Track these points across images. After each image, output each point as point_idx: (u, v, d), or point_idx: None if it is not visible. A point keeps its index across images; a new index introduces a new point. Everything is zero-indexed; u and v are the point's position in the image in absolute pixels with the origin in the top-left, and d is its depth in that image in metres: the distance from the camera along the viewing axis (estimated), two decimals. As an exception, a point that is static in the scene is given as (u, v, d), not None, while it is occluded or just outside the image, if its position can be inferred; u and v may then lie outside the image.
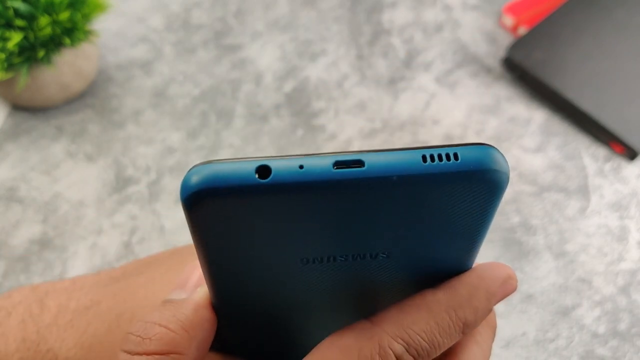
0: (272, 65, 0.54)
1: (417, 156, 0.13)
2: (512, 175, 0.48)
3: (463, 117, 0.51)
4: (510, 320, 0.41)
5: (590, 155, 0.49)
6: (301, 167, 0.13)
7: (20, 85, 0.45)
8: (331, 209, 0.14)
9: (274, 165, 0.13)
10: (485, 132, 0.50)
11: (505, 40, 0.56)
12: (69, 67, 0.48)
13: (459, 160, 0.13)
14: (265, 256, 0.16)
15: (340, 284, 0.17)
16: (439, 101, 0.52)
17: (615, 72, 0.51)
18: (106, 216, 0.44)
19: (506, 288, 0.18)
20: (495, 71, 0.54)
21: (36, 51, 0.45)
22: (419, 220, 0.15)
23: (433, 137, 0.50)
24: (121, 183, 0.46)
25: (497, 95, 0.53)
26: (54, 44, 0.46)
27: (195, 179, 0.13)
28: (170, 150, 0.48)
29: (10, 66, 0.44)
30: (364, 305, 0.18)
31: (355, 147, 0.49)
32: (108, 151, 0.48)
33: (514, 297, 0.42)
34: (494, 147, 0.14)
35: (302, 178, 0.13)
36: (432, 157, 0.13)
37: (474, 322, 0.17)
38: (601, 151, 0.49)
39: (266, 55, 0.55)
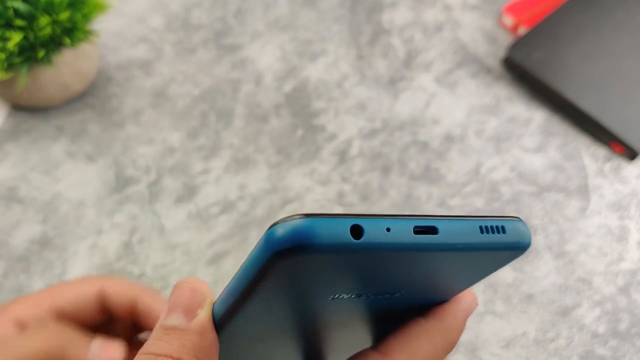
0: (272, 65, 0.54)
1: (476, 226, 0.16)
2: (512, 176, 0.48)
3: (463, 117, 0.51)
4: (510, 320, 0.41)
5: (590, 155, 0.49)
6: (388, 229, 0.14)
7: (20, 85, 0.45)
8: (396, 264, 0.16)
9: (365, 225, 0.14)
10: (485, 132, 0.50)
11: (505, 40, 0.56)
12: (69, 67, 0.48)
13: (505, 234, 0.16)
14: (306, 303, 0.17)
15: (352, 313, 0.19)
16: (439, 101, 0.52)
17: (615, 72, 0.51)
18: (106, 216, 0.44)
19: (472, 309, 0.22)
20: (495, 71, 0.54)
21: (36, 51, 0.45)
22: (450, 272, 0.18)
23: (433, 137, 0.50)
24: (121, 183, 0.46)
25: (497, 95, 0.53)
26: (54, 44, 0.46)
27: (290, 233, 0.14)
28: (170, 150, 0.48)
29: (10, 66, 0.44)
30: (365, 326, 0.20)
31: (355, 146, 0.49)
32: (108, 151, 0.48)
33: (514, 297, 0.42)
34: (522, 220, 0.17)
35: (389, 240, 0.14)
36: (487, 228, 0.16)
37: (457, 341, 0.21)
38: (601, 151, 0.49)
39: (266, 55, 0.55)
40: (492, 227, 0.16)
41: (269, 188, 0.46)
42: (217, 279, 0.42)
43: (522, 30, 0.56)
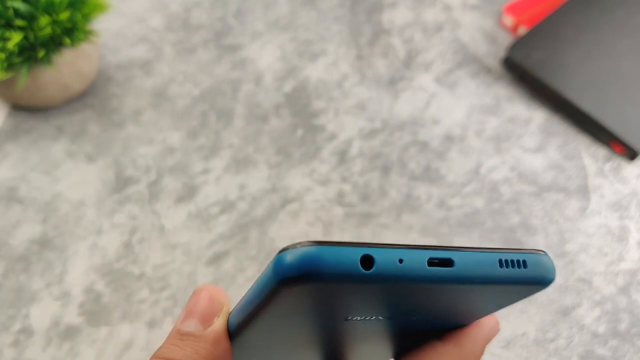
0: (272, 65, 0.54)
1: (495, 260, 0.15)
2: (512, 176, 0.48)
3: (463, 117, 0.51)
4: (510, 320, 0.41)
5: (590, 155, 0.49)
6: (401, 261, 0.14)
7: (20, 85, 0.45)
8: (410, 294, 0.15)
9: (376, 256, 0.14)
10: (485, 132, 0.50)
11: (505, 40, 0.56)
12: (69, 67, 0.48)
13: (526, 268, 0.16)
14: (319, 322, 0.17)
15: (368, 332, 0.19)
16: (439, 101, 0.52)
17: (615, 72, 0.51)
18: (106, 216, 0.44)
19: (494, 334, 0.21)
20: (495, 71, 0.54)
21: (36, 51, 0.45)
22: (467, 303, 0.17)
23: (433, 137, 0.50)
24: (121, 183, 0.46)
25: (497, 95, 0.53)
26: (54, 44, 0.46)
27: (298, 260, 0.13)
28: (170, 150, 0.48)
29: (10, 66, 0.44)
30: (383, 341, 0.20)
31: (355, 147, 0.49)
32: (108, 151, 0.48)
33: (514, 297, 0.42)
34: (547, 254, 0.16)
35: (401, 272, 0.14)
36: (506, 262, 0.15)
37: None
38: (601, 151, 0.49)
39: (266, 55, 0.55)
40: (512, 260, 0.15)
41: (269, 188, 0.46)
42: (217, 279, 0.42)
43: (522, 30, 0.56)
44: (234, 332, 0.18)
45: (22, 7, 0.43)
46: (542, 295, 0.42)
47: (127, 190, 0.46)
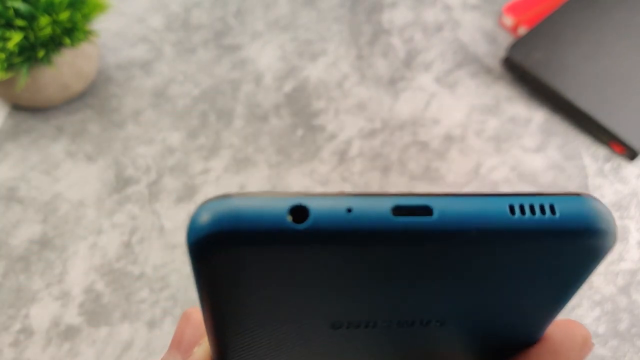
0: (272, 65, 0.54)
1: (502, 205, 0.10)
2: (512, 176, 0.48)
3: (463, 117, 0.51)
4: (510, 320, 0.41)
5: (590, 155, 0.49)
6: (349, 210, 0.10)
7: (20, 85, 0.45)
8: (382, 264, 0.11)
9: (313, 205, 0.10)
10: (485, 132, 0.50)
11: (505, 40, 0.56)
12: (69, 67, 0.48)
13: (556, 215, 0.10)
14: (288, 318, 0.13)
15: (376, 356, 0.14)
16: (439, 101, 0.52)
17: (615, 72, 0.51)
18: (106, 216, 0.44)
19: (585, 353, 0.14)
20: (495, 71, 0.54)
21: (36, 51, 0.45)
22: (488, 284, 0.12)
23: (433, 137, 0.50)
24: (121, 183, 0.46)
25: (497, 95, 0.53)
26: (54, 44, 0.46)
27: (208, 219, 0.10)
28: (170, 150, 0.48)
29: (10, 66, 0.44)
30: None
31: (356, 146, 0.49)
32: (108, 151, 0.48)
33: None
34: (594, 197, 0.11)
35: (350, 226, 0.10)
36: (522, 208, 0.10)
37: None
38: (601, 151, 0.49)
39: (266, 55, 0.55)
40: (531, 206, 0.10)
41: (269, 188, 0.46)
42: (217, 279, 0.42)
43: (522, 30, 0.56)
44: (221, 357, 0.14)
45: (22, 7, 0.43)
46: (542, 295, 0.42)
47: (127, 190, 0.46)
